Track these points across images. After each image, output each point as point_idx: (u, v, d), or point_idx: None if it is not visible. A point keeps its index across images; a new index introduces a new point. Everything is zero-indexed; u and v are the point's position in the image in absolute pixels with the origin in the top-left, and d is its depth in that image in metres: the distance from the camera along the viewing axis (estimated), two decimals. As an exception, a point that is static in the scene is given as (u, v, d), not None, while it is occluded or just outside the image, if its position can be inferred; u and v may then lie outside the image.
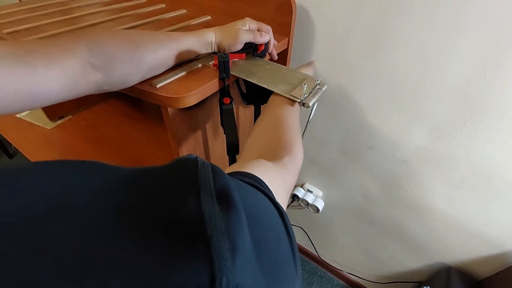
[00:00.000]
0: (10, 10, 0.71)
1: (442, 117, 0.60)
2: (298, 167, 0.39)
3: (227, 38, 0.47)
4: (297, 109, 0.45)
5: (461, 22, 0.48)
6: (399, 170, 0.76)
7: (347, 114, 0.74)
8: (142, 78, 0.41)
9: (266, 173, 0.27)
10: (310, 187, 1.03)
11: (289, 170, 0.35)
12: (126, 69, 0.37)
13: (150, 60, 0.39)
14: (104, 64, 0.35)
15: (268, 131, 0.42)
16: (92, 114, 0.96)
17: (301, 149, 0.40)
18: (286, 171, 0.34)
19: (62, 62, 0.31)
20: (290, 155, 0.37)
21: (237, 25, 0.48)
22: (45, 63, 0.30)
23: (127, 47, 0.37)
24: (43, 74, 0.29)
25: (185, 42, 0.43)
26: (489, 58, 0.49)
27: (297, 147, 0.40)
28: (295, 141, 0.40)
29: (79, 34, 0.35)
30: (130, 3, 0.78)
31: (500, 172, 0.60)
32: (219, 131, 0.63)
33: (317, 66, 0.71)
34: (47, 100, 0.32)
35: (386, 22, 0.55)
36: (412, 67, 0.58)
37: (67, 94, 0.33)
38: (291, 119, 0.42)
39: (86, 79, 0.34)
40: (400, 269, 1.01)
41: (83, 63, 0.33)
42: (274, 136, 0.40)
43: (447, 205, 0.73)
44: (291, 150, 0.38)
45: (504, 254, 0.71)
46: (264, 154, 0.36)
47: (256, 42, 0.49)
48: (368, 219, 0.96)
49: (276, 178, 0.30)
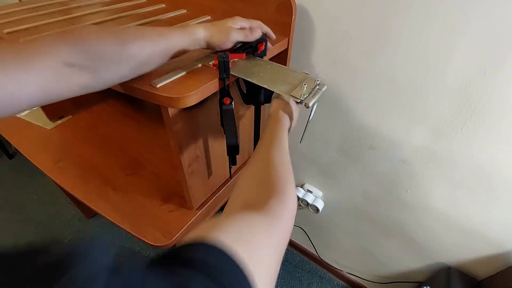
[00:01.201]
0: (10, 10, 0.71)
1: (442, 117, 0.60)
2: (291, 214, 0.32)
3: (218, 36, 0.45)
4: (286, 137, 0.43)
5: (461, 22, 0.49)
6: (399, 170, 0.76)
7: (347, 114, 0.74)
8: (130, 76, 0.40)
9: (246, 233, 0.23)
10: (310, 187, 1.03)
11: (278, 221, 0.29)
12: (114, 68, 0.36)
13: (138, 57, 0.38)
14: (91, 64, 0.33)
15: (255, 172, 0.37)
16: (92, 114, 0.96)
17: (293, 191, 0.34)
18: (275, 222, 0.28)
19: (34, 64, 0.29)
20: (280, 201, 0.31)
21: (227, 23, 0.47)
22: (15, 64, 0.28)
23: (114, 46, 0.35)
24: (13, 77, 0.27)
25: (174, 39, 0.42)
26: (489, 58, 0.49)
27: (288, 189, 0.33)
28: (286, 181, 0.35)
29: (64, 34, 0.33)
30: (130, 3, 0.78)
31: (500, 172, 0.60)
32: (219, 131, 0.63)
33: (317, 66, 0.71)
34: (18, 106, 0.29)
35: (386, 22, 0.55)
36: (412, 67, 0.58)
37: (42, 98, 0.31)
38: (281, 156, 0.38)
39: (66, 81, 0.32)
40: (400, 269, 1.01)
41: (61, 64, 0.31)
42: (262, 177, 0.35)
43: (447, 205, 0.73)
44: (280, 194, 0.32)
45: (504, 254, 0.71)
46: (250, 202, 0.31)
47: (248, 40, 0.49)
48: (368, 219, 0.96)
49: (260, 235, 0.25)
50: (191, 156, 0.57)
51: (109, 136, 0.87)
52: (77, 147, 0.83)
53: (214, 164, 0.67)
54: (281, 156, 0.39)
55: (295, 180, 1.10)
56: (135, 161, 0.79)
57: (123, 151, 0.82)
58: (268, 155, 0.39)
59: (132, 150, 0.83)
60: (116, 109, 0.99)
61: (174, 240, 0.61)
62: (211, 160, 0.66)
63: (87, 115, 0.96)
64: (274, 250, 0.26)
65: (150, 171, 0.77)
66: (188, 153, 0.55)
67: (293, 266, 1.35)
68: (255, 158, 0.40)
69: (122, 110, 0.98)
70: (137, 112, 0.98)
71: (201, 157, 0.61)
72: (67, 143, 0.85)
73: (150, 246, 0.60)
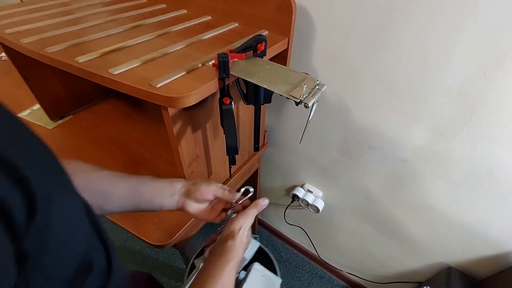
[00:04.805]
0: (12, 11, 0.71)
1: (442, 117, 0.60)
2: None
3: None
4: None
5: (461, 22, 0.49)
6: (399, 170, 0.76)
7: (347, 114, 0.74)
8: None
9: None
10: (310, 187, 1.03)
11: None
12: None
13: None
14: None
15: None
16: (93, 114, 0.97)
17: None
18: None
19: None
20: None
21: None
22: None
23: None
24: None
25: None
26: (489, 58, 0.49)
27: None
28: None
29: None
30: (130, 3, 0.79)
31: (500, 172, 0.60)
32: (219, 131, 0.63)
33: (316, 66, 0.71)
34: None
35: (386, 22, 0.55)
36: (412, 67, 0.58)
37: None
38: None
39: None
40: (400, 269, 1.01)
41: None
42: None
43: (447, 205, 0.73)
44: None
45: (504, 254, 0.71)
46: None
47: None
48: (368, 219, 0.96)
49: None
50: (191, 155, 0.57)
51: (110, 136, 0.87)
52: (78, 147, 0.83)
53: (214, 164, 0.68)
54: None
55: (296, 180, 1.09)
56: (135, 161, 0.79)
57: (123, 151, 0.82)
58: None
59: (132, 150, 0.83)
60: (116, 108, 0.99)
61: (174, 239, 0.61)
62: (211, 160, 0.66)
63: (87, 115, 0.96)
64: None
65: (151, 171, 0.77)
66: (188, 153, 0.56)
67: (293, 266, 1.35)
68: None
69: (123, 110, 0.99)
70: (138, 111, 0.98)
71: (201, 156, 0.61)
72: (68, 142, 0.85)
73: (150, 245, 0.61)
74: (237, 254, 0.42)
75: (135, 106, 1.01)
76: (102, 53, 0.51)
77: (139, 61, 0.49)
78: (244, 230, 0.44)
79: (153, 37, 0.59)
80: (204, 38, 0.60)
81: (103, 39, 0.58)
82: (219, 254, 0.41)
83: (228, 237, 0.43)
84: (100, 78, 0.46)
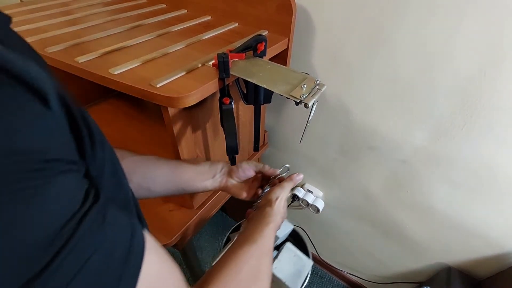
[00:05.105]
0: (12, 11, 0.71)
1: (442, 117, 0.60)
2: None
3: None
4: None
5: (461, 22, 0.49)
6: (399, 170, 0.76)
7: (346, 114, 0.74)
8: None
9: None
10: (310, 187, 1.03)
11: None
12: None
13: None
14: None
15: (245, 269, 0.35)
16: (93, 113, 0.97)
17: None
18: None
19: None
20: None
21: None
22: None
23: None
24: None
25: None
26: (489, 58, 0.49)
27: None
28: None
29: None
30: (130, 3, 0.79)
31: (500, 172, 0.60)
32: (219, 131, 0.63)
33: (316, 66, 0.71)
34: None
35: (386, 22, 0.55)
36: (412, 67, 0.58)
37: None
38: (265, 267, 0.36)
39: None
40: (400, 269, 1.00)
41: None
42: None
43: (447, 205, 0.73)
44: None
45: (504, 255, 0.71)
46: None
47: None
48: (368, 219, 0.96)
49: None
50: (191, 155, 0.57)
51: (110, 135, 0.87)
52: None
53: (214, 164, 0.68)
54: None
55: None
56: (135, 161, 0.79)
57: (123, 151, 0.82)
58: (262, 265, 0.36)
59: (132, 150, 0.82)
60: (116, 108, 0.99)
61: (174, 239, 0.61)
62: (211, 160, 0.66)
63: (88, 115, 0.96)
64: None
65: (151, 171, 0.77)
66: (188, 153, 0.56)
67: (293, 266, 1.35)
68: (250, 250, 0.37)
69: (123, 110, 0.99)
70: (138, 111, 0.98)
71: (201, 156, 0.61)
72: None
73: (150, 245, 0.60)
74: (275, 219, 0.43)
75: (135, 106, 1.01)
76: (102, 53, 0.51)
77: (139, 61, 0.49)
78: (280, 200, 0.45)
79: (153, 37, 0.59)
80: (204, 38, 0.60)
81: (103, 39, 0.58)
82: (258, 218, 0.42)
83: (266, 205, 0.45)
84: (100, 78, 0.46)
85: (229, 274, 0.32)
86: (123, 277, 0.18)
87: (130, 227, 0.20)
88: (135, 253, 0.20)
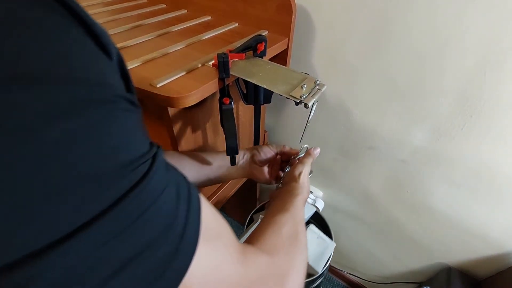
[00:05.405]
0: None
1: (442, 117, 0.60)
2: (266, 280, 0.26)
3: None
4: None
5: (461, 22, 0.49)
6: (399, 170, 0.76)
7: (346, 114, 0.74)
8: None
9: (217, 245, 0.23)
10: (310, 187, 1.03)
11: (247, 272, 0.25)
12: None
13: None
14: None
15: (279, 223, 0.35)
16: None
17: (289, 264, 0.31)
18: (243, 269, 0.24)
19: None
20: (268, 256, 0.29)
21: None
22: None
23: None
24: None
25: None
26: (489, 58, 0.49)
27: (284, 256, 0.31)
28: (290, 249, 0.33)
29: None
30: (131, 3, 0.79)
31: (500, 172, 0.60)
32: (219, 131, 0.63)
33: (316, 66, 0.71)
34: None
35: (386, 22, 0.55)
36: (412, 67, 0.58)
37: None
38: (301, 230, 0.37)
39: None
40: (400, 269, 1.00)
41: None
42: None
43: (447, 205, 0.73)
44: (274, 254, 0.30)
45: (504, 255, 0.71)
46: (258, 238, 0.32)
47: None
48: (368, 219, 0.96)
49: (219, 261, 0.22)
50: (191, 155, 0.57)
51: (110, 136, 0.87)
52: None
53: (214, 164, 0.68)
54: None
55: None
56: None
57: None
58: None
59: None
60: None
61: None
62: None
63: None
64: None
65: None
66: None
67: (293, 266, 1.35)
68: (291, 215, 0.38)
69: (123, 110, 0.99)
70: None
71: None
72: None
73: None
74: (302, 192, 0.44)
75: (135, 106, 1.01)
76: (102, 53, 0.51)
77: (139, 61, 0.49)
78: (304, 175, 0.47)
79: (153, 37, 0.59)
80: (204, 38, 0.60)
81: (103, 39, 0.58)
82: (285, 193, 0.43)
83: (291, 181, 0.46)
84: (100, 78, 0.46)
85: (271, 234, 0.33)
86: (189, 212, 0.20)
87: (182, 175, 0.22)
88: (194, 194, 0.21)
